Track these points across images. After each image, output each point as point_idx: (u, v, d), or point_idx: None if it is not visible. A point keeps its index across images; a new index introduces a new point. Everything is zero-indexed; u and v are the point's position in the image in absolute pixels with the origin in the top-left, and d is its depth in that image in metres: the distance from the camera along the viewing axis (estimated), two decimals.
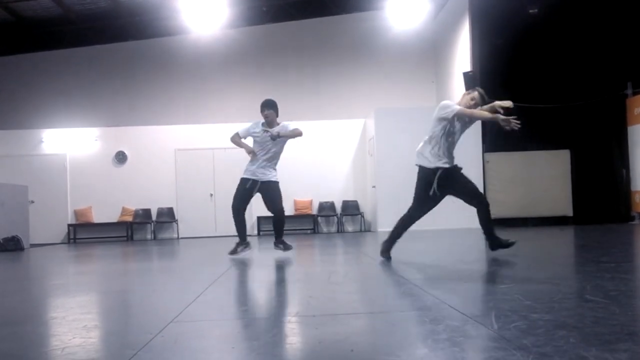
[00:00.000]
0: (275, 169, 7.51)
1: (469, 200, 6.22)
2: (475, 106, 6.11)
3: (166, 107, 16.91)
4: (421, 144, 6.22)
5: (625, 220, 13.87)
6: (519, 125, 5.71)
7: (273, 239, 7.78)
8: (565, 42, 13.81)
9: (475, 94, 6.20)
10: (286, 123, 7.54)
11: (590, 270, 4.90)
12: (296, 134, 7.35)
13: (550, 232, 10.41)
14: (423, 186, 6.08)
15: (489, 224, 6.23)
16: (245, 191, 7.46)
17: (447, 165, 6.02)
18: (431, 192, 6.01)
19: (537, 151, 14.20)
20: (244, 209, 7.58)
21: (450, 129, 6.06)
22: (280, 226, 7.62)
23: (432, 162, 6.02)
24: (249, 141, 7.62)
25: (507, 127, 5.75)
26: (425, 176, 6.05)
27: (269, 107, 7.45)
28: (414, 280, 4.52)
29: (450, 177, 6.03)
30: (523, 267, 5.23)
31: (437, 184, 5.98)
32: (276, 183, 7.48)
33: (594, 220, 13.75)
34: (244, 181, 7.45)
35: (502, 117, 5.81)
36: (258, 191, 7.48)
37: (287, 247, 7.56)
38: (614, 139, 14.33)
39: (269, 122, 7.43)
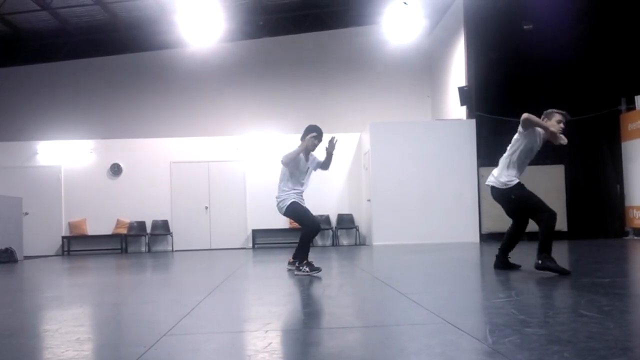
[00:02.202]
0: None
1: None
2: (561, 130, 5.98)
3: (162, 119, 16.92)
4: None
5: (619, 236, 13.90)
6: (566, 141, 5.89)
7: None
8: (559, 58, 13.90)
9: (560, 117, 5.99)
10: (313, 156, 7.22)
11: (585, 285, 4.90)
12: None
13: None
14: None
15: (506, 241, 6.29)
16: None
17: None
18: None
19: (532, 166, 14.17)
20: None
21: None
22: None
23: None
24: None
25: (561, 142, 5.87)
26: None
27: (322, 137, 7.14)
28: (408, 294, 4.52)
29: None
30: (517, 281, 5.23)
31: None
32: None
33: (588, 235, 13.79)
34: (300, 203, 7.09)
35: (562, 137, 5.88)
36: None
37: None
38: (608, 155, 14.39)
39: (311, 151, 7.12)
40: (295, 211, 7.04)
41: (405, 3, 15.37)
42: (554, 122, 6.03)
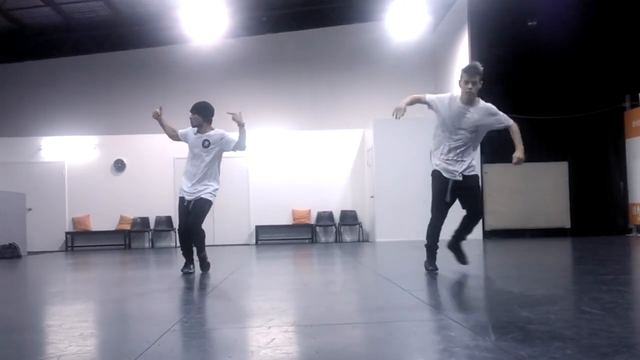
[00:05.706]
0: (211, 184, 6.67)
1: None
2: (471, 91, 5.73)
3: (165, 115, 16.74)
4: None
5: (622, 233, 13.86)
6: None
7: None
8: (564, 54, 13.85)
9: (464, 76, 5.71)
10: (223, 132, 6.85)
11: (588, 282, 4.90)
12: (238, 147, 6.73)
13: (548, 243, 10.40)
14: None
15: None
16: (182, 210, 6.64)
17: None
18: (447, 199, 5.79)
19: (536, 163, 14.21)
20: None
21: (445, 125, 5.83)
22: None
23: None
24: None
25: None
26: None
27: (195, 111, 6.87)
28: (411, 291, 4.52)
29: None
30: (520, 278, 5.23)
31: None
32: (204, 200, 6.61)
33: (592, 232, 13.75)
34: (180, 200, 6.67)
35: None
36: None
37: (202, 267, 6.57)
38: (612, 152, 14.35)
39: (197, 127, 6.87)
40: (208, 208, 6.73)
41: (404, 2, 15.37)
42: (462, 83, 5.78)
